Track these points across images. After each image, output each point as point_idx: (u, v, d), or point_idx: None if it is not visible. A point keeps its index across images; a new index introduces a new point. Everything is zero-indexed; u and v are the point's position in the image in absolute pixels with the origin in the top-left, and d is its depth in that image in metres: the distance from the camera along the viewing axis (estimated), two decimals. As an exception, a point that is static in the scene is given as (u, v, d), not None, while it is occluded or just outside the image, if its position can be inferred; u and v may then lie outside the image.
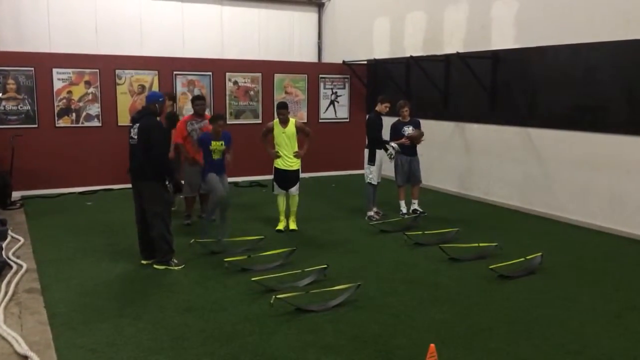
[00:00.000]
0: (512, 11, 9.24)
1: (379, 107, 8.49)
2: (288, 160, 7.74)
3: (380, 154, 8.42)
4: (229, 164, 7.47)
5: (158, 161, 6.10)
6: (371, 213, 8.49)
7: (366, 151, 8.51)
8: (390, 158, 8.44)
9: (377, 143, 8.39)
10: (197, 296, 5.45)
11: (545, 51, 8.65)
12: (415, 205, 8.73)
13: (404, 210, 8.70)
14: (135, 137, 6.11)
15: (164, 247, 6.18)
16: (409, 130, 8.52)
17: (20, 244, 7.01)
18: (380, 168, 8.49)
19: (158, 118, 6.36)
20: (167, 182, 6.18)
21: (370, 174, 8.43)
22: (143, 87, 10.81)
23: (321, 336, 4.61)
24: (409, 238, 7.20)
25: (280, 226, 7.88)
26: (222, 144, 7.20)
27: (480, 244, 6.81)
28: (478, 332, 4.72)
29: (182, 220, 8.19)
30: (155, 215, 6.14)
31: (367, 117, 9.30)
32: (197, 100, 8.28)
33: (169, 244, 6.21)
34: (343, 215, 8.77)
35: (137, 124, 6.12)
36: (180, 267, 6.20)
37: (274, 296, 4.98)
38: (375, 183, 8.46)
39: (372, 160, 8.41)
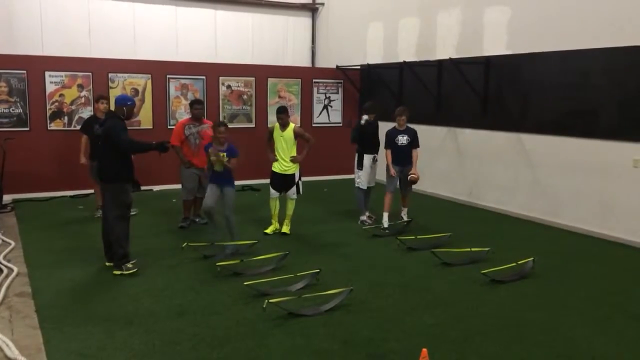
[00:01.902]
0: (504, 18, 9.31)
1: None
2: (284, 164, 7.75)
3: (369, 159, 8.44)
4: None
5: (133, 151, 6.30)
6: (364, 217, 8.51)
7: (356, 156, 8.55)
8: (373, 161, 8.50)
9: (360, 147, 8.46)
10: (189, 300, 5.43)
11: (536, 57, 8.71)
12: (403, 213, 8.51)
13: (386, 224, 8.12)
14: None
15: (119, 251, 6.16)
16: (402, 139, 8.27)
17: (11, 247, 6.96)
18: (368, 172, 8.48)
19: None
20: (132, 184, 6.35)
21: (358, 178, 8.45)
22: (136, 90, 10.79)
23: (313, 340, 4.61)
24: (402, 242, 7.23)
25: (269, 230, 7.88)
26: (224, 155, 6.81)
27: (472, 249, 6.83)
28: (470, 337, 4.74)
29: (178, 223, 8.19)
30: (114, 218, 6.17)
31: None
32: (196, 105, 8.28)
33: (123, 249, 6.18)
34: (335, 220, 8.78)
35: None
36: (132, 270, 6.14)
37: (266, 301, 4.97)
38: (365, 187, 8.48)
39: (360, 165, 8.44)
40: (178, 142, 7.96)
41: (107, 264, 6.34)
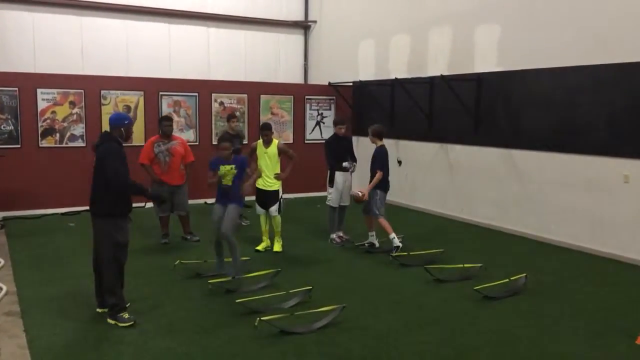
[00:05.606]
0: (495, 35, 9.42)
1: (335, 129, 8.48)
2: (268, 180, 7.76)
3: (342, 176, 8.29)
4: (243, 192, 6.69)
5: (122, 190, 5.22)
6: (333, 236, 8.40)
7: (328, 173, 8.43)
8: (350, 171, 8.31)
9: (330, 166, 8.34)
10: (179, 318, 5.38)
11: (527, 74, 8.80)
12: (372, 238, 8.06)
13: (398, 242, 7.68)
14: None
15: (111, 300, 5.24)
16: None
17: (0, 265, 6.89)
18: (341, 191, 8.28)
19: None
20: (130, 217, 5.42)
21: (330, 195, 8.36)
22: (129, 107, 10.80)
23: (306, 358, 4.58)
24: (394, 259, 7.22)
25: (260, 247, 7.86)
26: (232, 168, 6.50)
27: (465, 265, 6.84)
28: (463, 354, 4.72)
29: (160, 239, 8.15)
30: (104, 261, 5.25)
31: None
32: (165, 121, 8.27)
33: (117, 297, 5.27)
34: (328, 236, 8.74)
35: None
36: (130, 322, 5.16)
37: (258, 318, 4.94)
38: (336, 205, 8.33)
39: (331, 183, 8.36)
40: (147, 160, 7.98)
41: (99, 310, 5.53)
